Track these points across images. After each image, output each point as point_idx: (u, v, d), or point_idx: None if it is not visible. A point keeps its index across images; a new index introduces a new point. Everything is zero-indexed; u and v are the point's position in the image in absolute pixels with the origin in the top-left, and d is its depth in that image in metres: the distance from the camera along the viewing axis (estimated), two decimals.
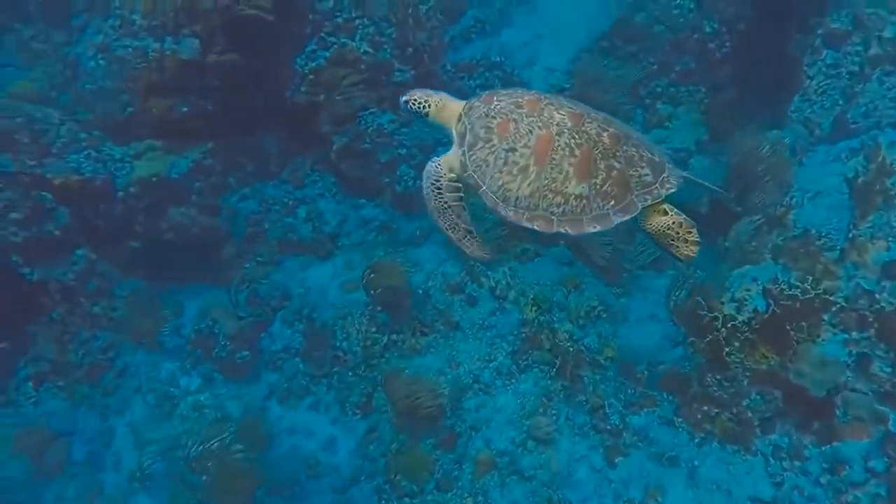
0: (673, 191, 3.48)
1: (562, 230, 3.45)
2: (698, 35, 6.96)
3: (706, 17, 6.89)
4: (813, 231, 5.44)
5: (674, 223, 3.50)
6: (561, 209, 3.43)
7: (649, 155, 3.50)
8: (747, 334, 5.12)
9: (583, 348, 5.99)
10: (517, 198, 3.46)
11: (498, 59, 7.83)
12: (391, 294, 6.21)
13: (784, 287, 5.09)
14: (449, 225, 3.67)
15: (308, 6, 6.55)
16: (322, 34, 6.62)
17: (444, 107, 3.67)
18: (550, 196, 3.42)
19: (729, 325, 5.18)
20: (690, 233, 3.48)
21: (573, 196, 3.40)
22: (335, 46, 6.61)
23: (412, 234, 7.07)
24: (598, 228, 3.43)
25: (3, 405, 6.61)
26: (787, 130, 6.63)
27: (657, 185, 3.45)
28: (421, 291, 6.48)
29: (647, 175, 3.45)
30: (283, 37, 6.53)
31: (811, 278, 5.12)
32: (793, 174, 6.00)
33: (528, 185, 3.43)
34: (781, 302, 5.04)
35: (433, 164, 3.66)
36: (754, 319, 5.14)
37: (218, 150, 7.07)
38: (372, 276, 6.10)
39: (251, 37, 6.30)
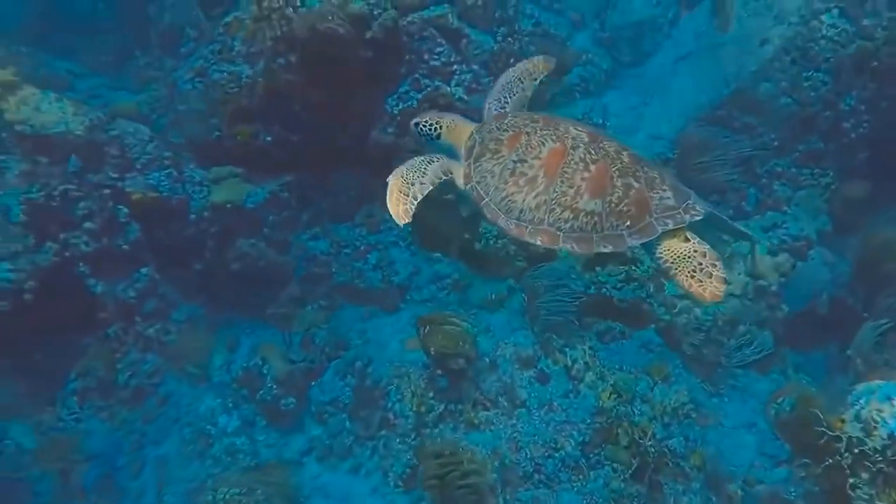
0: (699, 218, 3.06)
1: (567, 247, 3.12)
2: (831, 112, 6.23)
3: (842, 93, 6.17)
4: None
5: (696, 251, 3.04)
6: (569, 225, 3.11)
7: (672, 181, 3.14)
8: (881, 465, 4.16)
9: (666, 451, 5.20)
10: (521, 210, 3.17)
11: (600, 120, 7.35)
12: (454, 358, 5.63)
13: None
14: (409, 174, 3.28)
15: (406, 46, 6.32)
16: (417, 75, 6.36)
17: (456, 128, 3.50)
18: (559, 210, 3.12)
19: (856, 451, 4.25)
20: (715, 266, 3.01)
21: (584, 212, 3.09)
22: (429, 89, 6.33)
23: (486, 296, 6.51)
24: (610, 249, 3.09)
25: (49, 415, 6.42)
26: None
27: (681, 209, 3.07)
28: (488, 360, 5.86)
29: (668, 199, 3.07)
30: (377, 75, 6.31)
31: None
32: None
33: (535, 196, 3.15)
34: None
35: (440, 156, 3.45)
36: (890, 448, 4.19)
37: (296, 183, 6.89)
38: (426, 329, 5.54)
39: (344, 71, 6.10)
